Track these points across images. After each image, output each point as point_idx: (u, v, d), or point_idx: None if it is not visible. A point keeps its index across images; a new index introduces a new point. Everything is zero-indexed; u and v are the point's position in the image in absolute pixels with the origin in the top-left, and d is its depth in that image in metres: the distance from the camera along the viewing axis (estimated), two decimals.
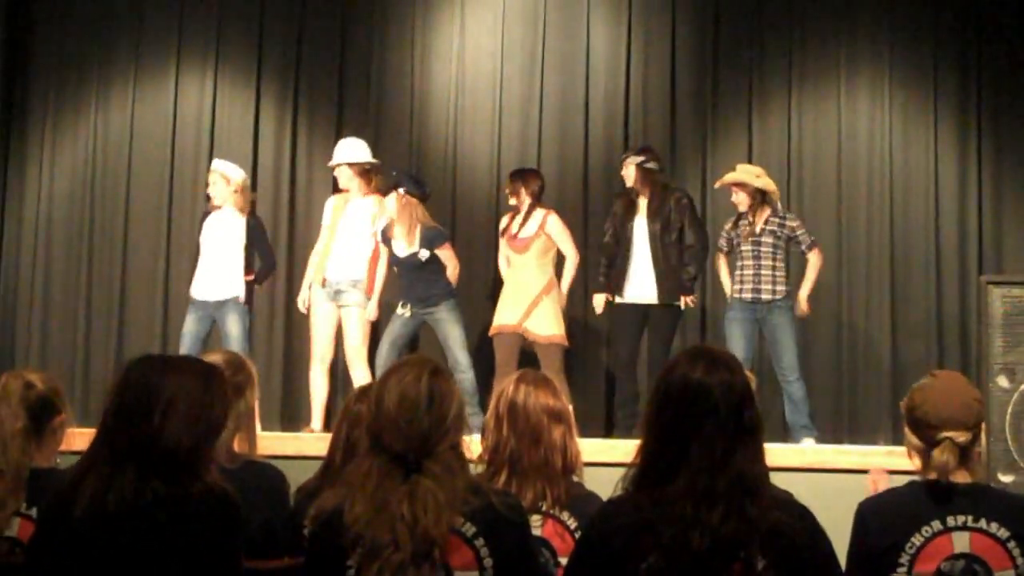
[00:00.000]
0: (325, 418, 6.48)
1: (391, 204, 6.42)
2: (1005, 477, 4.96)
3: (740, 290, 6.33)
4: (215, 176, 6.64)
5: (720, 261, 6.55)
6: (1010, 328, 4.93)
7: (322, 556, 2.28)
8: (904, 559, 2.53)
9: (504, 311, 6.50)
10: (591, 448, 4.10)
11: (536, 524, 2.70)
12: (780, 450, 5.31)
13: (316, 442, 5.30)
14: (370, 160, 6.68)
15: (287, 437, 6.13)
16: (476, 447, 2.83)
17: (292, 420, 7.26)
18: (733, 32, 7.64)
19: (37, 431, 2.86)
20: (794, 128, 7.52)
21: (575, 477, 2.84)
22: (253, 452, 3.06)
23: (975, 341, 6.50)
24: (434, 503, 2.21)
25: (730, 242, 6.45)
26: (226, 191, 6.59)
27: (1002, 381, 4.98)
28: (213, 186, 6.65)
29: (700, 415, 2.13)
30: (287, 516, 2.95)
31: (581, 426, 3.18)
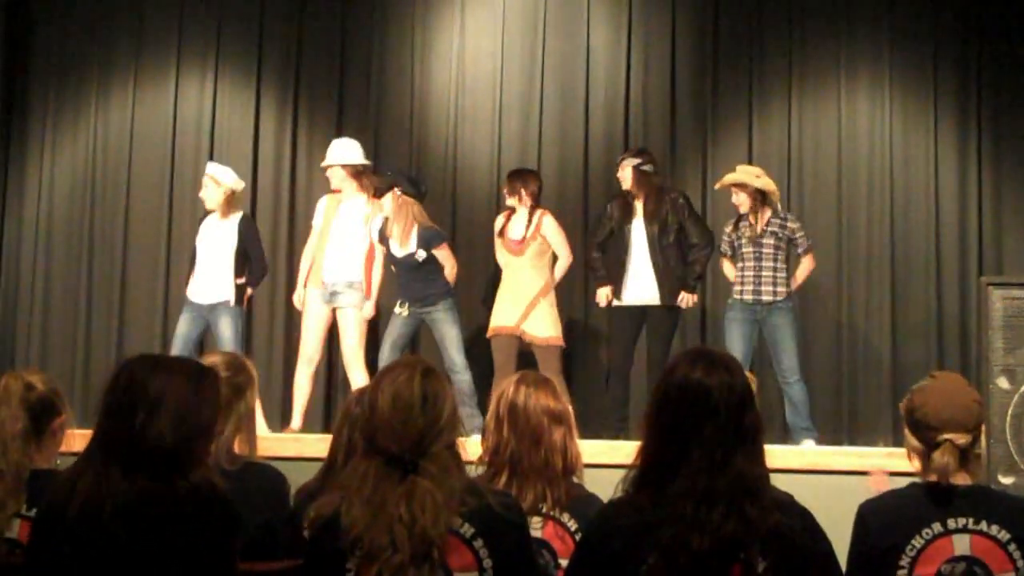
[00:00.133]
0: (305, 419, 6.55)
1: (387, 204, 6.42)
2: (1005, 479, 4.96)
3: (741, 291, 6.32)
4: (206, 179, 6.66)
5: (725, 263, 6.54)
6: (1010, 329, 4.93)
7: (321, 560, 2.27)
8: (904, 561, 2.53)
9: (501, 312, 6.50)
10: (592, 450, 4.10)
11: (536, 526, 2.70)
12: (780, 451, 5.30)
13: (316, 443, 5.29)
14: (363, 161, 6.67)
15: (287, 438, 6.13)
16: (476, 448, 2.83)
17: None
18: (733, 32, 7.63)
19: (37, 432, 2.85)
20: (794, 129, 7.51)
21: (575, 479, 2.84)
22: (253, 454, 3.06)
23: (975, 342, 6.51)
24: (432, 503, 2.21)
25: (732, 244, 6.44)
26: (216, 194, 6.59)
27: (1002, 383, 4.97)
28: (204, 189, 6.66)
29: (700, 416, 2.14)
30: (287, 517, 2.95)
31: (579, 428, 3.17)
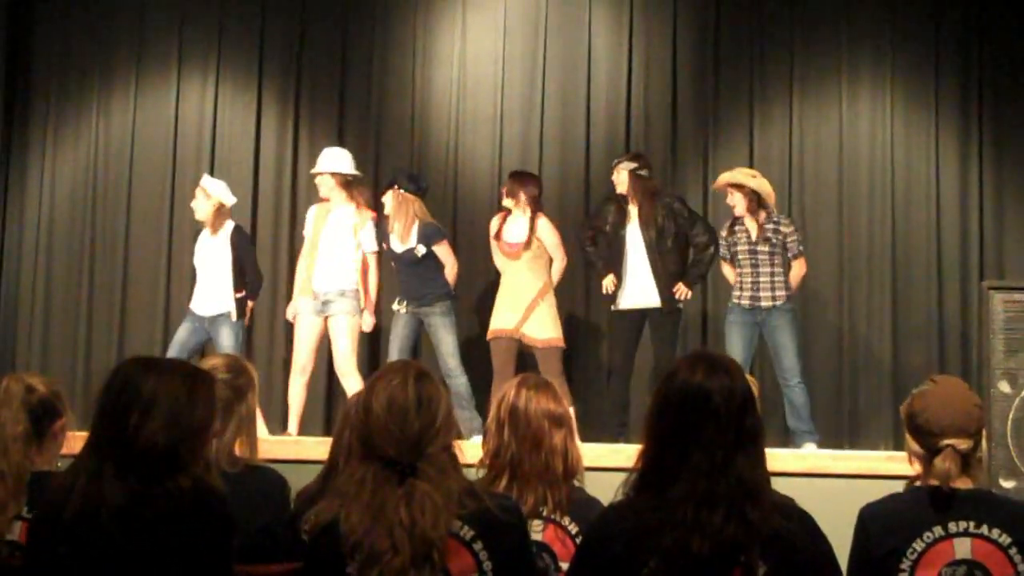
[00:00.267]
0: (302, 425, 6.56)
1: (388, 202, 6.45)
2: (1007, 482, 4.96)
3: (740, 296, 6.31)
4: (198, 190, 6.67)
5: (725, 267, 6.52)
6: (1011, 333, 4.94)
7: (320, 564, 2.27)
8: (905, 565, 2.52)
9: (501, 315, 6.49)
10: (592, 453, 4.10)
11: (537, 529, 2.70)
12: (781, 455, 5.30)
13: (317, 446, 5.29)
14: (353, 172, 6.65)
15: (288, 441, 6.14)
16: (477, 451, 2.83)
17: None
18: (734, 36, 7.63)
19: (38, 434, 2.86)
20: (795, 132, 7.50)
21: (576, 482, 2.84)
22: (254, 456, 3.06)
23: (976, 346, 6.49)
24: (431, 506, 2.21)
25: (729, 249, 6.43)
26: (205, 206, 6.58)
27: (1003, 386, 4.98)
28: (195, 200, 6.66)
29: (700, 420, 2.13)
30: (287, 520, 2.95)
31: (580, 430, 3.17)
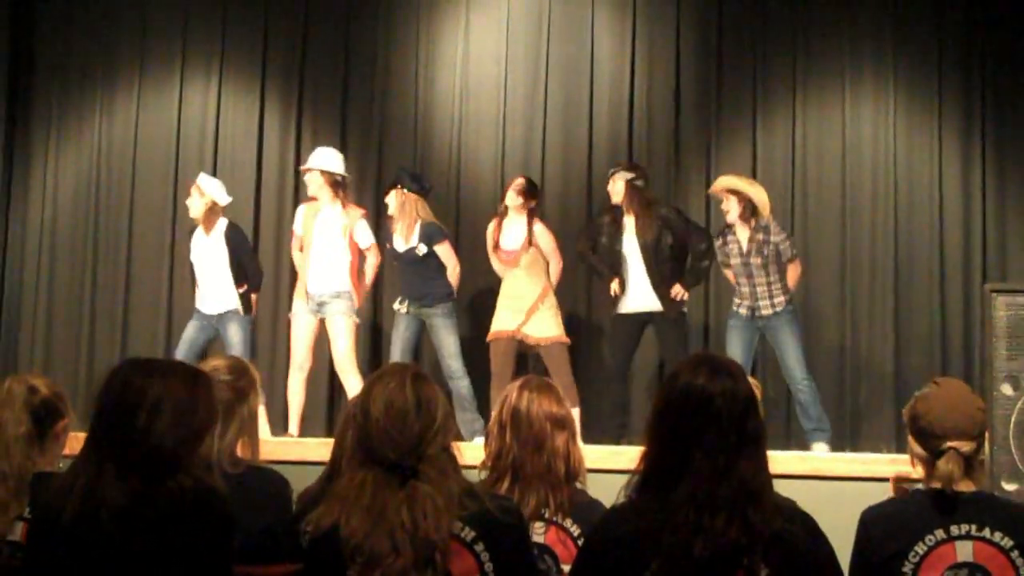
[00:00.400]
0: (303, 424, 6.57)
1: (391, 202, 6.47)
2: (1009, 485, 4.94)
3: (739, 305, 6.33)
4: (193, 187, 6.68)
5: (727, 271, 6.52)
6: (1014, 336, 4.92)
7: (321, 568, 2.27)
8: (907, 568, 2.52)
9: (501, 318, 6.50)
10: (594, 455, 4.10)
11: (539, 531, 2.70)
12: (783, 457, 5.30)
13: (319, 447, 5.30)
14: (342, 172, 6.65)
15: (290, 442, 6.14)
16: (479, 452, 2.83)
17: None
18: (737, 38, 7.63)
19: (40, 435, 2.86)
20: (798, 134, 7.50)
21: (578, 484, 2.83)
22: (256, 457, 3.06)
23: (979, 349, 6.49)
24: (433, 507, 2.21)
25: (724, 260, 6.43)
26: (198, 203, 6.60)
27: (1006, 389, 4.96)
28: (189, 197, 6.67)
29: (702, 423, 2.13)
30: (289, 521, 2.95)
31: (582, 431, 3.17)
